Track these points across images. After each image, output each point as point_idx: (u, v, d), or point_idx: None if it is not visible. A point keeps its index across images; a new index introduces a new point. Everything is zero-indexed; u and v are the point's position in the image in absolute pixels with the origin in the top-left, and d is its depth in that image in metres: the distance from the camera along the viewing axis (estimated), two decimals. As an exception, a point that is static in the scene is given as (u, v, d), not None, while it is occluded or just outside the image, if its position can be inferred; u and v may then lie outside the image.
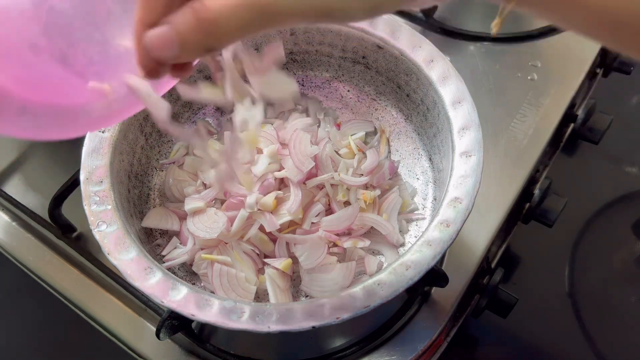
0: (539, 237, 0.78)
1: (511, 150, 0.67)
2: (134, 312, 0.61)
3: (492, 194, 0.64)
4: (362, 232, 0.57)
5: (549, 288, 0.79)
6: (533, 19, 0.79)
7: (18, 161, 0.73)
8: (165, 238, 0.59)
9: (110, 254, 0.47)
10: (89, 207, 0.50)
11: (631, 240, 0.83)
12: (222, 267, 0.53)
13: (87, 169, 0.52)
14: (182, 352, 0.58)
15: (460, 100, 0.53)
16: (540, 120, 0.70)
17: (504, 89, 0.72)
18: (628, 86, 0.95)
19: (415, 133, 0.62)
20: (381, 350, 0.57)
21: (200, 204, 0.57)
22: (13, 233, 0.68)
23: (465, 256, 0.61)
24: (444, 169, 0.55)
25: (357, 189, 0.57)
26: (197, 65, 0.62)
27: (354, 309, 0.44)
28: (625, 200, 0.87)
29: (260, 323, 0.43)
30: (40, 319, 0.78)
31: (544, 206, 0.70)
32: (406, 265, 0.45)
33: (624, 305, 0.78)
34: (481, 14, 0.81)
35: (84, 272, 0.64)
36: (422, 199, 0.60)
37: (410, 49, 0.57)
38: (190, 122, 0.66)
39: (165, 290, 0.45)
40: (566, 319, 0.76)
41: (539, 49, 0.76)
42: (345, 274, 0.54)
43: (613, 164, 0.90)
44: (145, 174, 0.61)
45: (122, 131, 0.55)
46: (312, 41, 0.63)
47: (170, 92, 0.61)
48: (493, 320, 0.66)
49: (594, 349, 0.74)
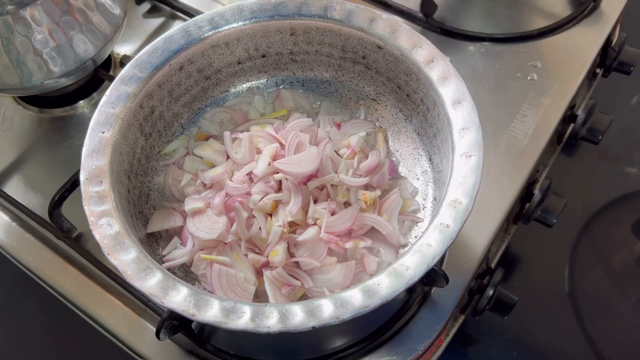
0: (539, 237, 0.78)
1: (511, 150, 0.67)
2: (134, 312, 0.61)
3: (492, 194, 0.64)
4: (363, 232, 0.57)
5: (549, 288, 0.79)
6: (533, 19, 0.79)
7: (18, 161, 0.73)
8: (166, 237, 0.59)
9: (110, 254, 0.47)
10: (89, 207, 0.49)
11: (631, 240, 0.83)
12: (221, 268, 0.53)
13: (87, 169, 0.52)
14: (182, 352, 0.58)
15: (460, 101, 0.53)
16: (540, 120, 0.69)
17: (504, 89, 0.72)
18: (628, 86, 0.95)
19: (415, 133, 0.62)
20: (381, 350, 0.57)
21: (200, 204, 0.57)
22: (13, 233, 0.68)
23: (465, 256, 0.61)
24: (444, 169, 0.55)
25: (357, 189, 0.57)
26: (197, 65, 0.62)
27: (354, 309, 0.44)
28: (625, 200, 0.87)
29: (260, 323, 0.43)
30: (40, 319, 0.78)
31: (544, 206, 0.70)
32: (406, 265, 0.45)
33: (624, 305, 0.78)
34: (481, 14, 0.81)
35: (84, 272, 0.64)
36: (422, 199, 0.60)
37: (410, 49, 0.57)
38: (190, 122, 0.66)
39: (165, 291, 0.45)
40: (566, 319, 0.76)
41: (539, 49, 0.76)
42: (345, 274, 0.54)
43: (613, 164, 0.90)
44: (145, 174, 0.61)
45: (122, 131, 0.55)
46: (312, 41, 0.63)
47: (170, 92, 0.62)
48: (493, 320, 0.66)
49: (594, 349, 0.74)
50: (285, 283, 0.53)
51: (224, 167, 0.60)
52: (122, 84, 0.57)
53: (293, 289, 0.53)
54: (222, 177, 0.58)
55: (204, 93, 0.66)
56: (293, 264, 0.55)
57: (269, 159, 0.57)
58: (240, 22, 0.61)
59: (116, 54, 0.81)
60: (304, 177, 0.57)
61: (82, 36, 0.67)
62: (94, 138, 0.53)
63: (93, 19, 0.68)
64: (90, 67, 0.70)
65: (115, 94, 0.56)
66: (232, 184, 0.57)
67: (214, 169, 0.60)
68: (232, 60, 0.64)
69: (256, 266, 0.54)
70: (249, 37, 0.63)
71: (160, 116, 0.62)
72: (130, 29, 0.83)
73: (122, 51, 0.81)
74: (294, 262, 0.55)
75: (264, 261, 0.54)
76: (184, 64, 0.61)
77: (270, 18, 0.61)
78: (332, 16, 0.60)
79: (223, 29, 0.61)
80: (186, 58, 0.61)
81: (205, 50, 0.61)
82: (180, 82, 0.62)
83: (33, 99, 0.77)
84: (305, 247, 0.55)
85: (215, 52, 0.62)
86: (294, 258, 0.54)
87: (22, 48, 0.64)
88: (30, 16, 0.63)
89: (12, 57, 0.64)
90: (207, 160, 0.62)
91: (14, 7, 0.62)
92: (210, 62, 0.63)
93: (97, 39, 0.69)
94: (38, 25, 0.64)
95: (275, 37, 0.63)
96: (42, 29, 0.64)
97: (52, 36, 0.65)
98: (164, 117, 0.62)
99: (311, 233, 0.54)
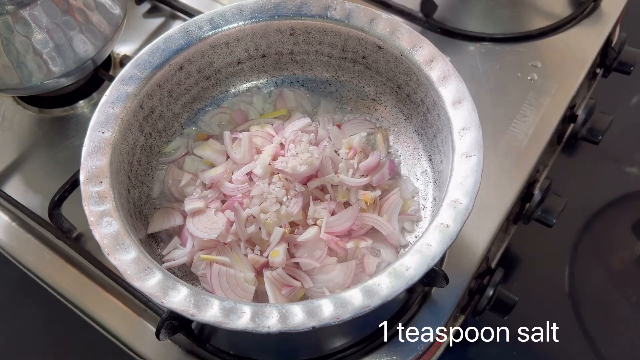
0: (539, 237, 0.78)
1: (511, 150, 0.67)
2: (134, 312, 0.61)
3: (492, 194, 0.64)
4: (363, 232, 0.57)
5: (549, 288, 0.79)
6: (533, 19, 0.79)
7: (18, 161, 0.73)
8: (166, 237, 0.59)
9: (110, 254, 0.47)
10: (88, 207, 0.49)
11: (631, 240, 0.83)
12: (221, 268, 0.53)
13: (87, 169, 0.52)
14: (182, 352, 0.58)
15: (460, 101, 0.53)
16: (540, 120, 0.69)
17: (504, 89, 0.72)
18: (628, 86, 0.95)
19: (415, 133, 0.62)
20: (381, 350, 0.57)
21: (200, 204, 0.57)
22: (13, 233, 0.68)
23: (465, 256, 0.61)
24: (444, 169, 0.55)
25: (357, 189, 0.57)
26: (197, 65, 0.62)
27: (354, 309, 0.44)
28: (625, 200, 0.87)
29: (260, 323, 0.43)
30: (40, 319, 0.78)
31: (544, 206, 0.70)
32: (406, 265, 0.45)
33: (624, 305, 0.78)
34: (481, 14, 0.81)
35: (84, 272, 0.64)
36: (422, 199, 0.60)
37: (410, 49, 0.57)
38: (190, 122, 0.66)
39: (165, 291, 0.45)
40: (566, 319, 0.76)
41: (539, 49, 0.76)
42: (345, 274, 0.54)
43: (613, 164, 0.90)
44: (145, 174, 0.61)
45: (122, 131, 0.55)
46: (312, 41, 0.63)
47: (170, 92, 0.62)
48: (493, 320, 0.66)
49: (594, 349, 0.74)
50: (285, 284, 0.53)
51: (223, 167, 0.60)
52: (122, 84, 0.57)
53: (293, 290, 0.53)
54: (222, 177, 0.58)
55: (204, 93, 0.66)
56: (293, 264, 0.54)
57: (269, 159, 0.57)
58: (240, 22, 0.61)
59: (116, 54, 0.81)
60: (304, 177, 0.57)
61: (82, 36, 0.67)
62: (94, 138, 0.53)
63: (93, 19, 0.68)
64: (90, 67, 0.70)
65: (115, 94, 0.56)
66: (230, 185, 0.57)
67: (214, 169, 0.60)
68: (232, 60, 0.64)
69: (256, 266, 0.54)
70: (249, 37, 0.63)
71: (160, 116, 0.62)
72: (130, 29, 0.83)
73: (122, 51, 0.81)
74: (293, 262, 0.54)
75: (263, 261, 0.54)
76: (184, 64, 0.61)
77: (270, 18, 0.61)
78: (332, 16, 0.60)
79: (223, 29, 0.61)
80: (186, 58, 0.61)
81: (205, 50, 0.61)
82: (180, 82, 0.62)
83: (33, 99, 0.77)
84: (305, 248, 0.55)
85: (215, 52, 0.62)
86: (294, 259, 0.54)
87: (22, 48, 0.64)
88: (30, 16, 0.63)
89: (12, 57, 0.64)
90: (207, 160, 0.62)
91: (14, 7, 0.62)
92: (210, 62, 0.63)
93: (97, 39, 0.69)
94: (38, 25, 0.64)
95: (275, 37, 0.63)
96: (42, 29, 0.64)
97: (52, 36, 0.65)
98: (164, 117, 0.62)
99: (311, 233, 0.54)
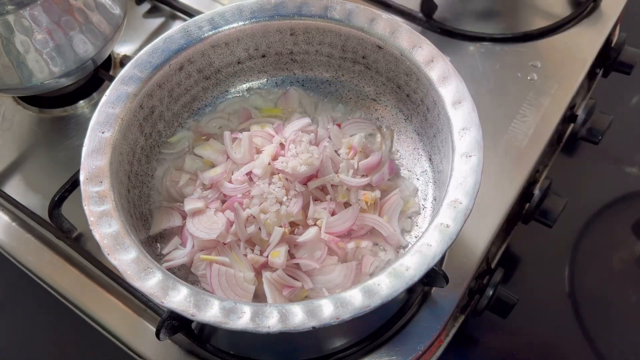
0: (539, 237, 0.78)
1: (511, 150, 0.67)
2: (134, 312, 0.61)
3: (492, 194, 0.64)
4: (363, 232, 0.57)
5: (549, 288, 0.79)
6: (533, 19, 0.79)
7: (18, 161, 0.73)
8: (166, 237, 0.59)
9: (110, 254, 0.47)
10: (88, 207, 0.49)
11: (631, 240, 0.83)
12: (221, 268, 0.53)
13: (87, 169, 0.52)
14: (182, 352, 0.58)
15: (460, 101, 0.53)
16: (540, 120, 0.69)
17: (503, 89, 0.72)
18: (628, 86, 0.95)
19: (415, 133, 0.62)
20: (381, 350, 0.57)
21: (200, 204, 0.57)
22: (13, 233, 0.68)
23: (465, 256, 0.61)
24: (444, 169, 0.55)
25: (357, 189, 0.57)
26: (197, 65, 0.62)
27: (354, 309, 0.44)
28: (625, 200, 0.87)
29: (260, 323, 0.43)
30: (40, 319, 0.78)
31: (544, 206, 0.70)
32: (406, 265, 0.45)
33: (624, 305, 0.78)
34: (481, 14, 0.81)
35: (84, 272, 0.64)
36: (422, 199, 0.60)
37: (410, 49, 0.57)
38: (189, 122, 0.65)
39: (165, 291, 0.45)
40: (566, 319, 0.76)
41: (539, 49, 0.76)
42: (345, 275, 0.54)
43: (613, 164, 0.90)
44: (145, 174, 0.61)
45: (122, 131, 0.55)
46: (312, 41, 0.63)
47: (170, 92, 0.62)
48: (493, 320, 0.66)
49: (594, 349, 0.74)
50: (286, 285, 0.53)
51: (223, 167, 0.60)
52: (122, 84, 0.57)
53: (294, 291, 0.53)
54: (222, 178, 0.58)
55: (204, 93, 0.66)
56: (293, 265, 0.54)
57: (269, 159, 0.57)
58: (240, 22, 0.61)
59: (116, 54, 0.81)
60: (304, 177, 0.57)
61: (82, 36, 0.67)
62: (94, 138, 0.53)
63: (93, 19, 0.68)
64: (90, 67, 0.70)
65: (115, 94, 0.56)
66: (230, 185, 0.57)
67: (214, 169, 0.60)
68: (232, 60, 0.64)
69: (256, 266, 0.54)
70: (249, 37, 0.63)
71: (160, 116, 0.62)
72: (130, 29, 0.83)
73: (122, 51, 0.81)
74: (294, 263, 0.54)
75: (263, 261, 0.54)
76: (184, 64, 0.61)
77: (270, 18, 0.61)
78: (332, 16, 0.60)
79: (223, 29, 0.61)
80: (186, 58, 0.61)
81: (205, 50, 0.61)
82: (180, 82, 0.62)
83: (33, 99, 0.77)
84: (305, 248, 0.55)
85: (215, 52, 0.62)
86: (294, 259, 0.54)
87: (22, 48, 0.64)
88: (30, 16, 0.63)
89: (12, 57, 0.64)
90: (207, 160, 0.62)
91: (14, 7, 0.62)
92: (210, 62, 0.63)
93: (97, 39, 0.69)
94: (38, 25, 0.64)
95: (275, 37, 0.63)
96: (42, 29, 0.64)
97: (52, 36, 0.65)
98: (164, 117, 0.62)
99: (311, 233, 0.54)
